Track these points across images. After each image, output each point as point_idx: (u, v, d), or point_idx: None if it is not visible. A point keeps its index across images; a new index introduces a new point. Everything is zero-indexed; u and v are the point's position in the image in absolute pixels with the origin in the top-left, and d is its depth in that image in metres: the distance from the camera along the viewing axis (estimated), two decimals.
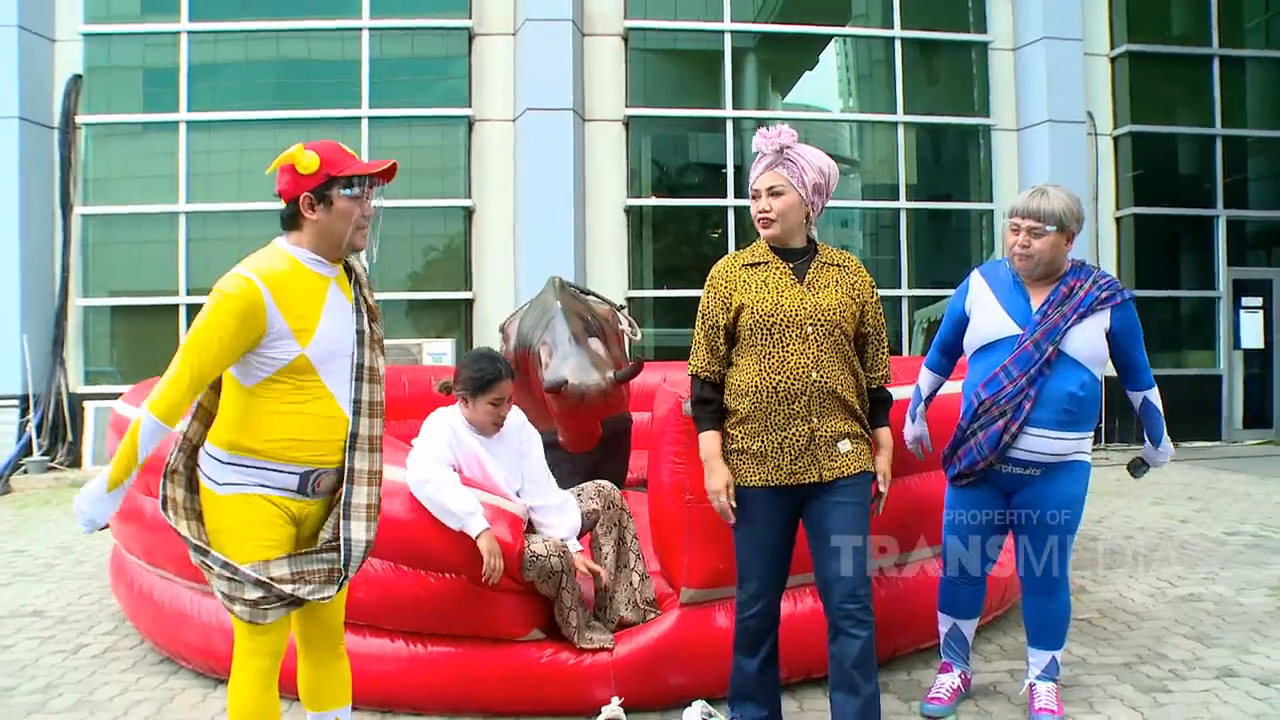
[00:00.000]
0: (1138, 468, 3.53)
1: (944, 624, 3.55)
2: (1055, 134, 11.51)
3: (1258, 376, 12.32)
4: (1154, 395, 3.33)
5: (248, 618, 2.39)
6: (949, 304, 3.56)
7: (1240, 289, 12.28)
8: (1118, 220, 12.04)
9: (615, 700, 3.25)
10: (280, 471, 2.42)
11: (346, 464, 2.48)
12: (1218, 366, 12.17)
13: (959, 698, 3.48)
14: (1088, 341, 3.18)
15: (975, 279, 3.43)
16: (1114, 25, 12.10)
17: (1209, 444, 11.55)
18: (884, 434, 3.05)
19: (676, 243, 11.93)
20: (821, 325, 2.84)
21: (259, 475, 2.41)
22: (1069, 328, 3.17)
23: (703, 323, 2.99)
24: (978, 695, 3.58)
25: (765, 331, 2.85)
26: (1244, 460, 10.17)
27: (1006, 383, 3.19)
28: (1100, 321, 3.20)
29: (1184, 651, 4.00)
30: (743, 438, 2.90)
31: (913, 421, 3.56)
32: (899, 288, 11.74)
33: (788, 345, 2.83)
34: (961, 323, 3.43)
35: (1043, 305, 3.23)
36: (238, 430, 2.40)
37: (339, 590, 2.49)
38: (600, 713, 3.23)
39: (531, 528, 3.47)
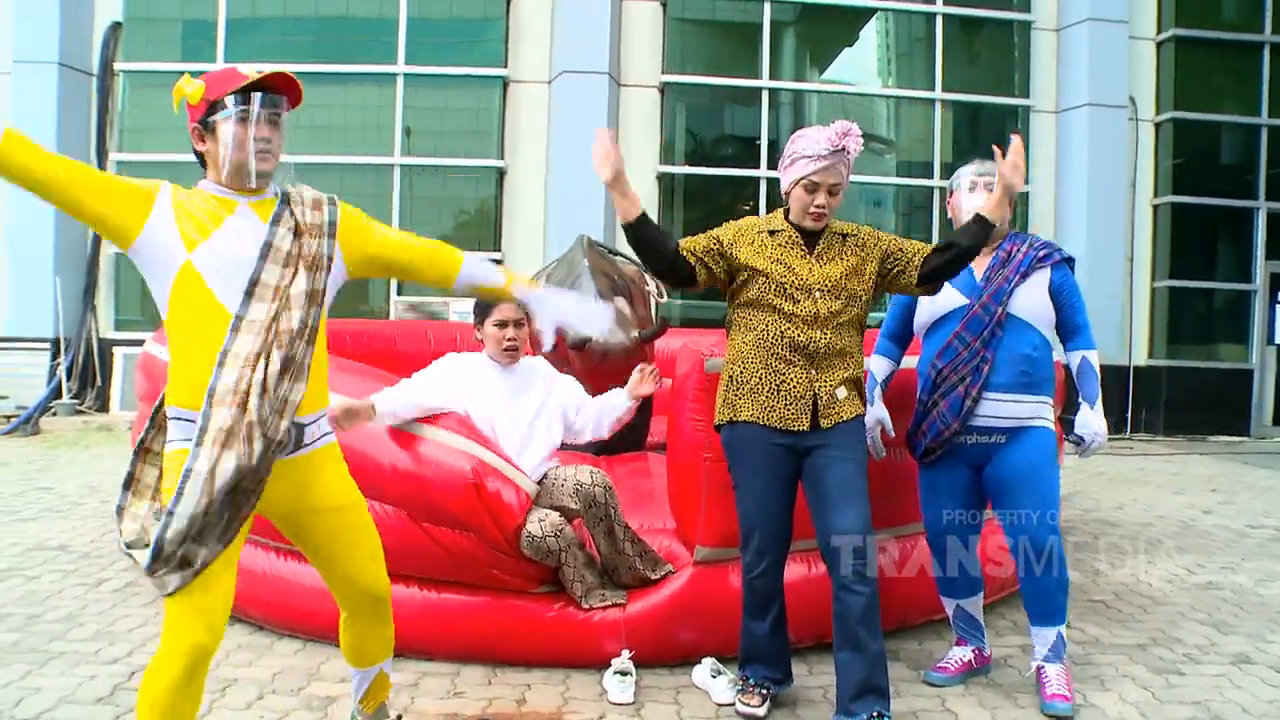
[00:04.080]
0: (1078, 442, 3.34)
1: (948, 606, 3.53)
2: (1095, 118, 11.34)
3: None
4: (1094, 357, 3.36)
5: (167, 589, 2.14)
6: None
7: (1277, 283, 12.07)
8: (1155, 208, 11.87)
9: (625, 653, 3.27)
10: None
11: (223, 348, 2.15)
12: (1249, 361, 11.99)
13: (971, 672, 3.46)
14: (1032, 300, 3.28)
15: None
16: (1162, 9, 11.86)
17: (1237, 439, 11.40)
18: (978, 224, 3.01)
19: (707, 213, 11.82)
20: (829, 289, 2.95)
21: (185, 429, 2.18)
22: (1013, 289, 3.27)
23: (709, 233, 3.10)
24: (990, 668, 3.56)
25: (777, 288, 2.95)
26: (1272, 456, 10.03)
27: (961, 348, 3.26)
28: (1041, 280, 3.30)
29: (1199, 637, 3.97)
30: (741, 373, 2.99)
31: (871, 405, 3.44)
32: None
33: (797, 301, 2.93)
34: (909, 307, 3.50)
35: (985, 272, 3.32)
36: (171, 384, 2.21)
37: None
38: (610, 665, 3.25)
39: (534, 502, 3.39)
